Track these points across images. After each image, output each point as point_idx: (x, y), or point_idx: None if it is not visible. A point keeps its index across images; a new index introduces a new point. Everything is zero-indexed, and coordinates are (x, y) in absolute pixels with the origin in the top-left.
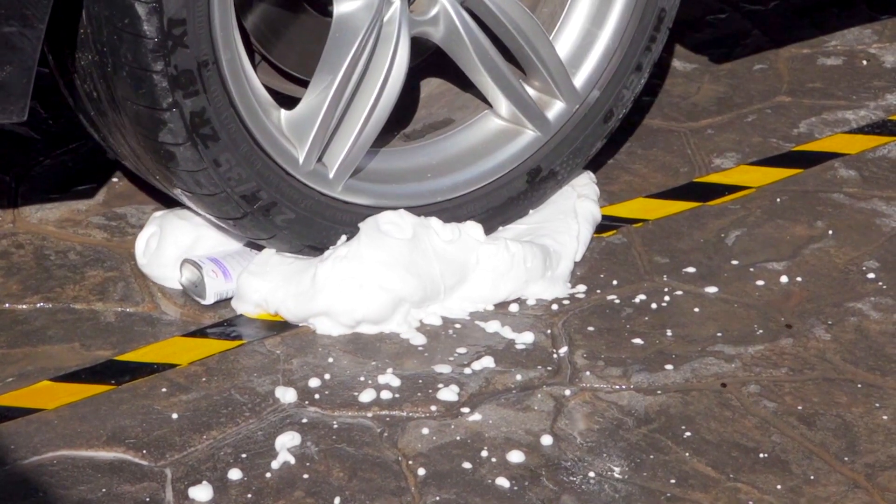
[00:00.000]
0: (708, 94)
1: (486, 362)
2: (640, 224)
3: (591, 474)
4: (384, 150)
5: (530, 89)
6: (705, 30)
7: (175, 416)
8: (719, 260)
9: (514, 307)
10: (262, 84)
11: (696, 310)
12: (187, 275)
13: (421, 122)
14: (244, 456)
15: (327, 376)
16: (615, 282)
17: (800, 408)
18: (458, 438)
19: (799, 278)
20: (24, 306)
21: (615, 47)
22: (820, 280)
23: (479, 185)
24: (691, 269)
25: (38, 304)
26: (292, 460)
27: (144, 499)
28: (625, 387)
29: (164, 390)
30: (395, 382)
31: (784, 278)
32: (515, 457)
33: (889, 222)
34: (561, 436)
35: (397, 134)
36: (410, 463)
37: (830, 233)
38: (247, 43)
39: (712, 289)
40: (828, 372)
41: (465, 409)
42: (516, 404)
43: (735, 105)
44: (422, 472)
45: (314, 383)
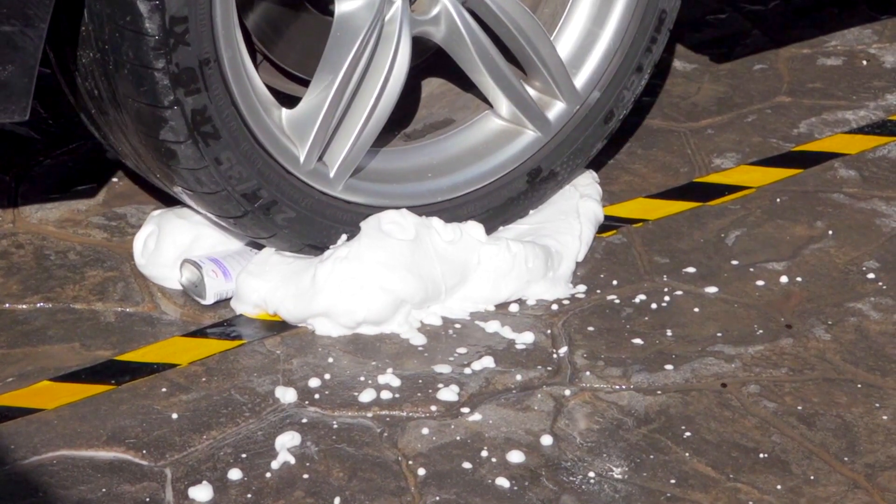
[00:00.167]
0: (708, 94)
1: (486, 362)
2: (640, 224)
3: (591, 474)
4: (385, 150)
5: (531, 90)
6: (705, 30)
7: (175, 416)
8: (719, 260)
9: (514, 307)
10: (264, 83)
11: (696, 310)
12: (187, 275)
13: (422, 122)
14: (244, 456)
15: (327, 376)
16: (615, 282)
17: (800, 408)
18: (458, 438)
19: (799, 278)
20: (24, 306)
21: (616, 48)
22: (820, 280)
23: (480, 185)
24: (691, 269)
25: (38, 304)
26: (292, 460)
27: (144, 499)
28: (625, 387)
29: (164, 390)
30: (395, 382)
31: (784, 278)
32: (515, 457)
33: (889, 222)
34: (561, 436)
35: (398, 133)
36: (410, 463)
37: (830, 233)
38: (248, 42)
39: (712, 289)
40: (828, 372)
41: (465, 409)
42: (516, 404)
43: (735, 105)
44: (422, 472)
45: (314, 383)
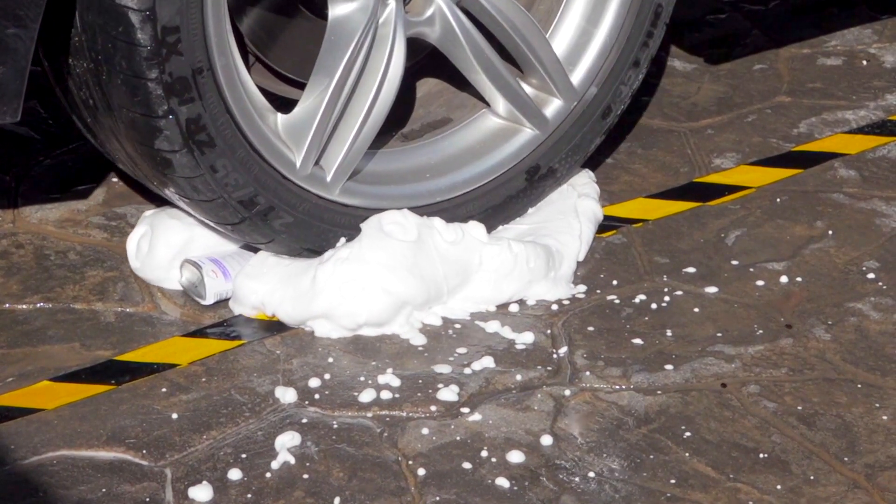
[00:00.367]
0: (708, 94)
1: (486, 362)
2: (640, 224)
3: (591, 474)
4: (382, 152)
5: (528, 87)
6: (705, 30)
7: (175, 416)
8: (719, 260)
9: (514, 307)
10: (256, 85)
11: (696, 310)
12: (187, 275)
13: (419, 122)
14: (244, 456)
15: (327, 376)
16: (615, 282)
17: (800, 408)
18: (458, 438)
19: (799, 278)
20: (24, 306)
21: (612, 44)
22: (820, 280)
23: (478, 184)
24: (691, 269)
25: (38, 304)
26: (292, 460)
27: (144, 499)
28: (625, 387)
29: (164, 390)
30: (395, 382)
31: (784, 278)
32: (515, 457)
33: (889, 222)
34: (561, 436)
35: (395, 134)
36: (410, 463)
37: (830, 233)
38: (241, 45)
39: (712, 289)
40: (828, 372)
41: (465, 409)
42: (516, 404)
43: (735, 105)
44: (422, 472)
45: (314, 383)
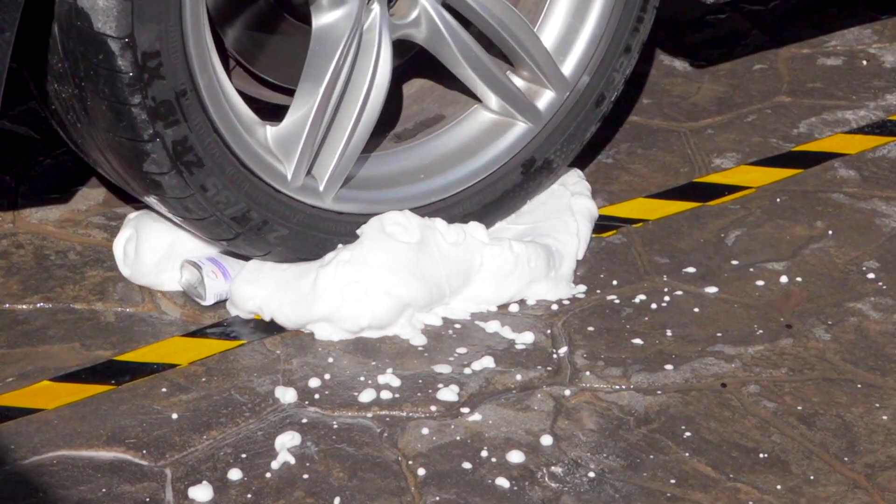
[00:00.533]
0: (708, 94)
1: (486, 362)
2: (640, 224)
3: (591, 474)
4: (375, 155)
5: (519, 80)
6: (705, 30)
7: (175, 416)
8: (719, 260)
9: (514, 307)
10: (237, 90)
11: (696, 310)
12: (187, 276)
13: (412, 121)
14: (244, 456)
15: (327, 376)
16: (615, 282)
17: (800, 408)
18: (458, 438)
19: (799, 278)
20: (24, 306)
21: (602, 31)
22: (820, 280)
23: (474, 181)
24: (691, 269)
25: (38, 304)
26: (292, 460)
27: (144, 499)
28: (625, 387)
29: (164, 390)
30: (395, 382)
31: (784, 278)
32: (515, 457)
33: (889, 222)
34: (561, 436)
35: (388, 135)
36: (410, 463)
37: (830, 233)
38: (224, 55)
39: (712, 289)
40: (828, 372)
41: (465, 409)
42: (516, 404)
43: (735, 105)
44: (422, 472)
45: (314, 383)
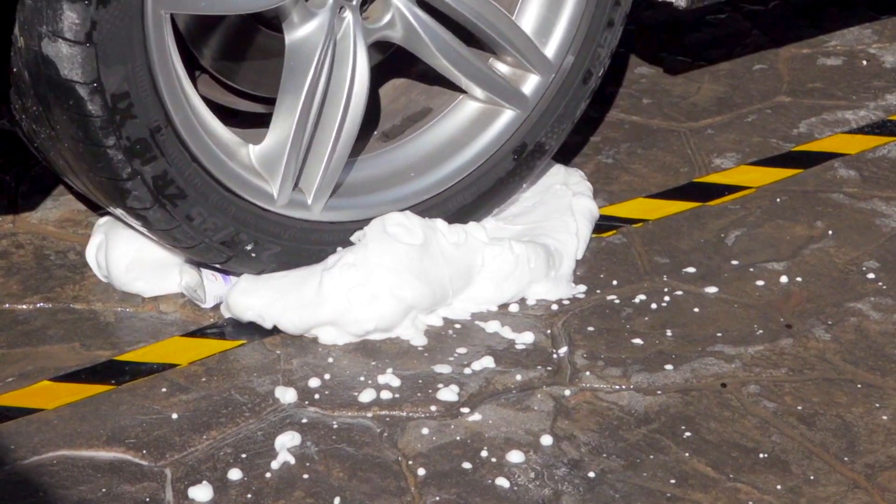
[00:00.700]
0: (708, 94)
1: (486, 362)
2: (640, 224)
3: (591, 474)
4: (362, 159)
5: (503, 67)
6: (705, 30)
7: (175, 416)
8: (719, 260)
9: (514, 307)
10: (203, 96)
11: (696, 310)
12: (186, 279)
13: (399, 116)
14: (244, 456)
15: (327, 376)
16: (615, 282)
17: (800, 408)
18: (458, 438)
19: (799, 278)
20: (24, 306)
21: (582, 9)
22: (820, 280)
23: (465, 173)
24: (691, 269)
25: (38, 304)
26: (292, 460)
27: (144, 499)
28: (625, 387)
29: (164, 390)
30: (395, 382)
31: (784, 278)
32: (515, 457)
33: (889, 222)
34: (561, 436)
35: (376, 134)
36: (410, 463)
37: (830, 233)
38: (193, 67)
39: (712, 289)
40: (828, 372)
41: (465, 409)
42: (516, 404)
43: (735, 105)
44: (422, 472)
45: (314, 383)
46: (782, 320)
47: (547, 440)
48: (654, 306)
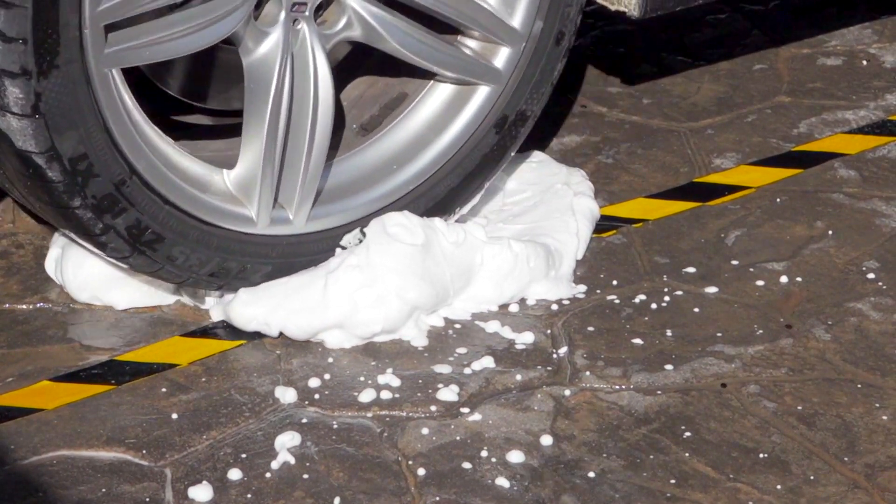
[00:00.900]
0: (708, 94)
1: (486, 362)
2: (640, 224)
3: (591, 474)
4: (341, 160)
5: (473, 43)
6: (705, 30)
7: (175, 416)
8: (719, 260)
9: (514, 307)
10: (147, 114)
11: (696, 310)
12: None
13: (376, 105)
14: (244, 456)
15: (327, 376)
16: (615, 282)
17: (800, 408)
18: (458, 438)
19: (799, 278)
20: (24, 306)
21: None
22: (820, 280)
23: (449, 156)
24: (691, 269)
25: (38, 304)
26: (292, 460)
27: (144, 499)
28: (625, 387)
29: (164, 390)
30: (395, 382)
31: (784, 278)
32: (515, 457)
33: (889, 222)
34: (561, 436)
35: (355, 127)
36: (410, 463)
37: (830, 233)
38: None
39: (712, 289)
40: (828, 372)
41: (465, 409)
42: (516, 404)
43: (735, 105)
44: (422, 472)
45: (314, 383)
46: (782, 320)
47: (547, 440)
48: (654, 306)
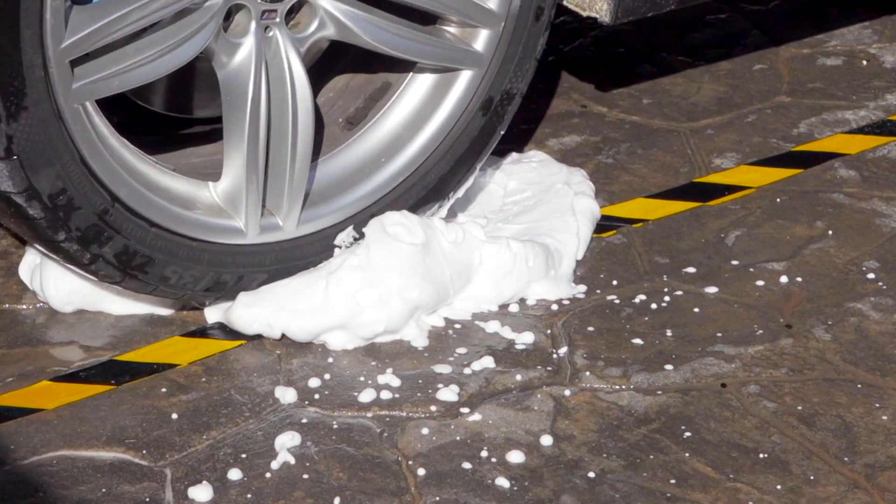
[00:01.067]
0: (708, 94)
1: (486, 362)
2: (640, 224)
3: (591, 474)
4: (325, 159)
5: (451, 29)
6: (705, 30)
7: (175, 416)
8: (719, 260)
9: (514, 307)
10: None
11: (696, 310)
12: None
13: (361, 96)
14: (244, 456)
15: (327, 376)
16: (615, 282)
17: (800, 408)
18: (458, 438)
19: (799, 278)
20: (24, 306)
21: None
22: (820, 280)
23: (436, 144)
24: (691, 269)
25: (38, 304)
26: (292, 460)
27: (144, 499)
28: (625, 387)
29: (164, 390)
30: (394, 382)
31: (784, 278)
32: (515, 457)
33: (889, 222)
34: (561, 436)
35: (341, 122)
36: (410, 463)
37: (830, 233)
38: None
39: (712, 289)
40: (828, 372)
41: (465, 410)
42: (516, 404)
43: (735, 105)
44: (422, 472)
45: (314, 383)
46: (782, 320)
47: (547, 440)
48: (654, 306)
